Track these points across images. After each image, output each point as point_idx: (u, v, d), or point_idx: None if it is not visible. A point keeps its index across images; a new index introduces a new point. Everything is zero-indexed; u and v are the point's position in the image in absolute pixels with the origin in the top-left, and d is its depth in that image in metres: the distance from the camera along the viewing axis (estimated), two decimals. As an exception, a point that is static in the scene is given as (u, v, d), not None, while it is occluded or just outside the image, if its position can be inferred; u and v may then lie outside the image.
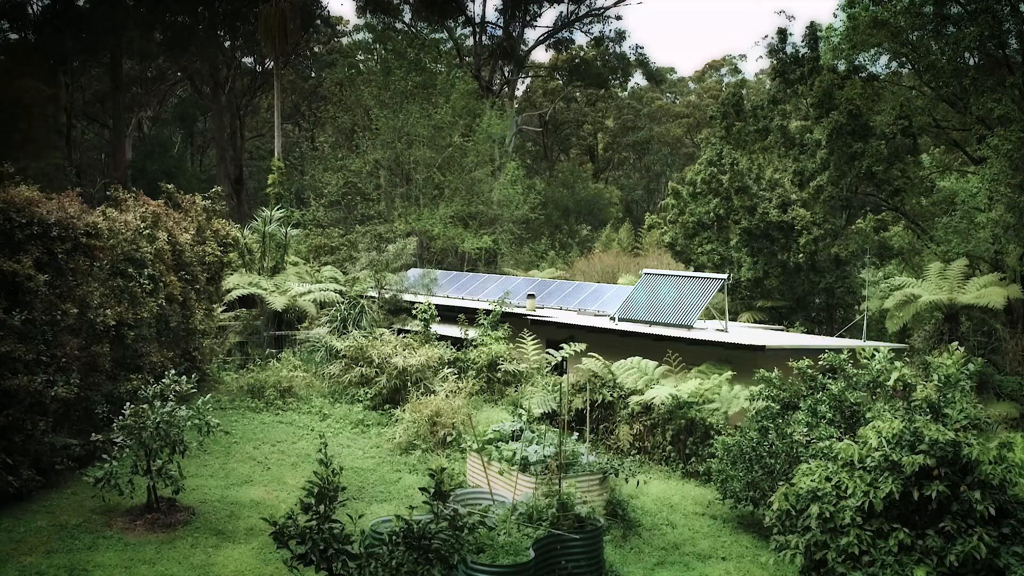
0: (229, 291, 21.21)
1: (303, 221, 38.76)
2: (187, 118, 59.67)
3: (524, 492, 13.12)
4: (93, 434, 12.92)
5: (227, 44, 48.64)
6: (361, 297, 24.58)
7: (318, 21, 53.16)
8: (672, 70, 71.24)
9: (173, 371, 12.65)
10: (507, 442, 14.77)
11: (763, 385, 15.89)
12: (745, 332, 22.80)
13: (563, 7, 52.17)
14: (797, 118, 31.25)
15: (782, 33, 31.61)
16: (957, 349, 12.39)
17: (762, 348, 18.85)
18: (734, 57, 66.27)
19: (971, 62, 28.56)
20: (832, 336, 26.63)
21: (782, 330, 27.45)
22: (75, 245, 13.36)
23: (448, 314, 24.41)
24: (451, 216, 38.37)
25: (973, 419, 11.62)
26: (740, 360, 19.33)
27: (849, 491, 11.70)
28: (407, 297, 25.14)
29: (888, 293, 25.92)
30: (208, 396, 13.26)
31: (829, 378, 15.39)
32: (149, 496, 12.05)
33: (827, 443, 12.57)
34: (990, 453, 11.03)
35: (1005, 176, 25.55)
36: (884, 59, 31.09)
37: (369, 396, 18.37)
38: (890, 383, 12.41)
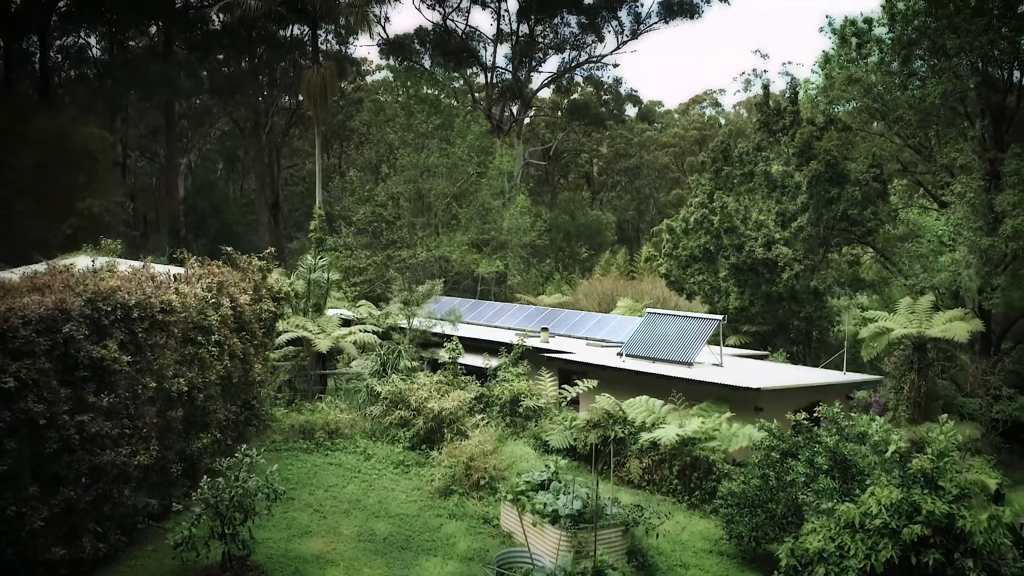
0: (280, 334, 20.99)
1: (335, 246, 38.68)
2: (229, 152, 59.93)
3: (557, 546, 12.96)
4: (172, 494, 12.79)
5: (266, 90, 48.51)
6: (393, 330, 24.38)
7: (346, 64, 52.97)
8: (660, 103, 71.23)
9: (244, 445, 12.47)
10: (537, 491, 14.60)
11: (764, 434, 15.77)
12: (739, 366, 22.59)
13: (565, 55, 51.99)
14: (779, 163, 31.04)
15: (766, 88, 31.43)
16: (947, 422, 12.26)
17: (758, 390, 18.77)
18: (714, 92, 66.15)
19: (934, 112, 28.32)
20: (815, 367, 26.48)
21: (766, 354, 27.30)
22: (152, 323, 13.13)
23: (471, 344, 24.25)
24: (467, 242, 38.18)
25: (963, 488, 11.49)
26: (738, 397, 19.20)
27: (851, 552, 11.58)
28: (435, 330, 25.00)
29: (862, 321, 25.78)
30: (275, 465, 13.10)
31: (823, 427, 15.28)
32: (223, 558, 11.89)
33: (830, 505, 12.43)
34: (981, 524, 10.90)
35: (968, 221, 25.42)
36: (856, 106, 30.94)
37: (408, 437, 18.18)
38: (888, 454, 12.24)
